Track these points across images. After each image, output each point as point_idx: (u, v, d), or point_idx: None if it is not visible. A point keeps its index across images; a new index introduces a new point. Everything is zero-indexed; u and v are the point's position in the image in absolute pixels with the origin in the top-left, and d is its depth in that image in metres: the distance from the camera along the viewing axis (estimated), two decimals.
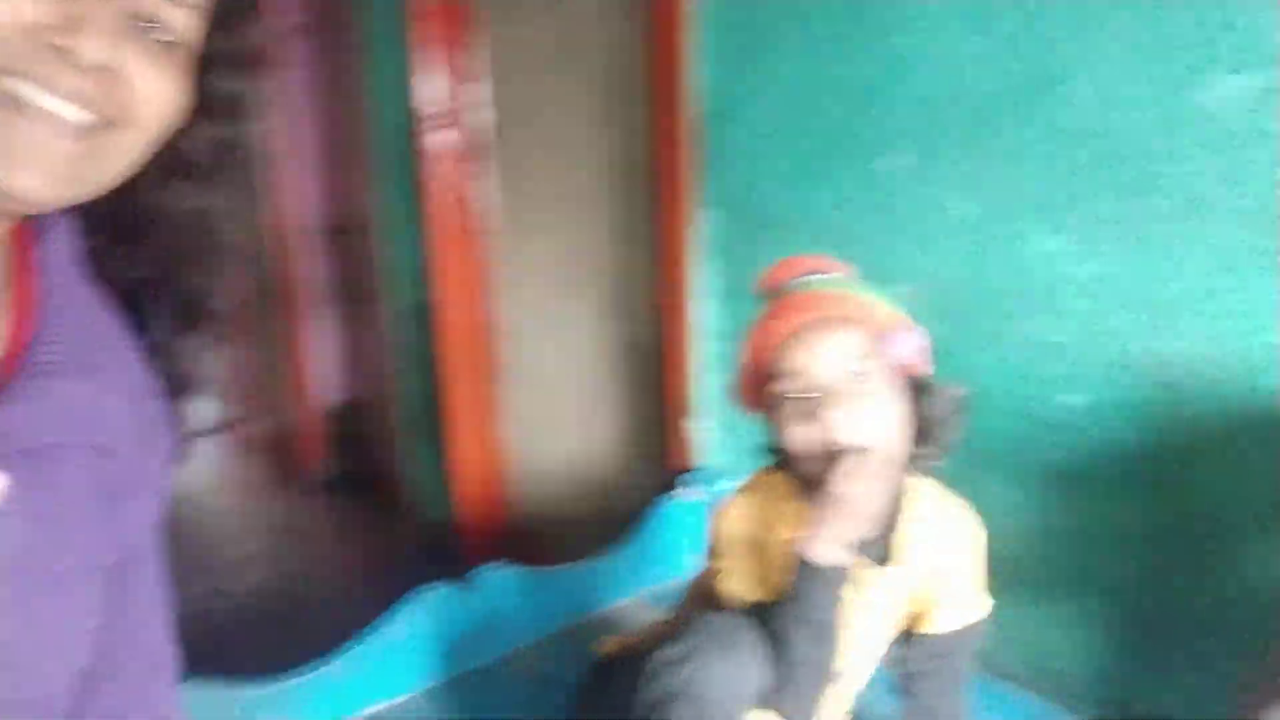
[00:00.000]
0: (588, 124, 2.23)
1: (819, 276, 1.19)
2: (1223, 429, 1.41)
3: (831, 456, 1.08)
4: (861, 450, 1.06)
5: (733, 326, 2.00)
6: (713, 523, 1.30)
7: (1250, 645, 1.27)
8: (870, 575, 1.16)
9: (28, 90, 0.51)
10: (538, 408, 2.41)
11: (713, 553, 1.30)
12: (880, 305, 1.15)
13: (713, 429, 2.15)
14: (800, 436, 1.11)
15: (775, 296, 1.19)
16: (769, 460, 1.22)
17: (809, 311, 1.13)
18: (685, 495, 2.06)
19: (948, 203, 1.66)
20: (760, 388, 1.17)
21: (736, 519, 1.27)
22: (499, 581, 1.82)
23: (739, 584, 1.23)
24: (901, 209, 1.72)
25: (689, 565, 1.97)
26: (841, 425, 1.07)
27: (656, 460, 2.25)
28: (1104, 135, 1.46)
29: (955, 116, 1.63)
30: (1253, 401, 1.37)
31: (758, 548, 1.21)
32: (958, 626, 1.20)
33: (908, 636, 1.23)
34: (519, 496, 2.38)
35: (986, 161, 1.60)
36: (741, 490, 1.29)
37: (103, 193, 0.59)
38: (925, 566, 1.18)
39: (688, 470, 2.14)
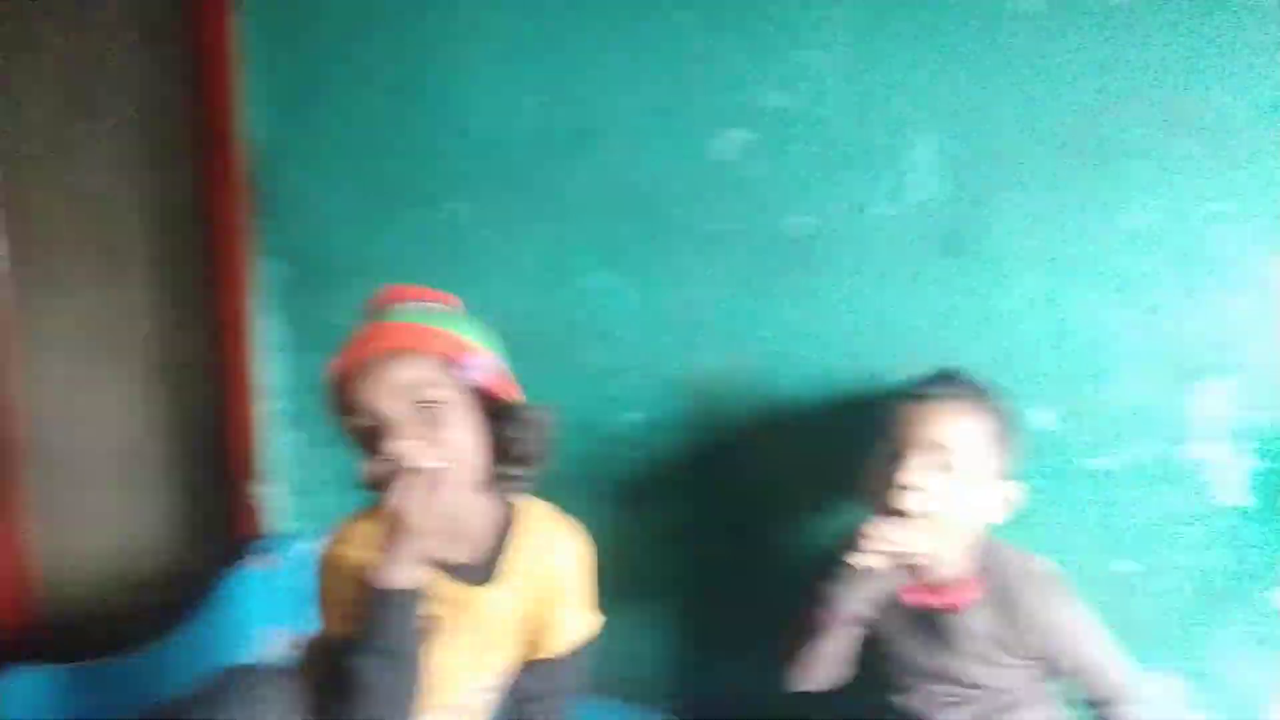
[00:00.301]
0: (124, 169, 2.01)
1: (398, 307, 1.19)
2: (752, 431, 1.62)
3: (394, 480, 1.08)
4: (415, 470, 1.06)
5: (303, 380, 1.90)
6: (315, 571, 1.24)
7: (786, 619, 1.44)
8: (472, 597, 1.17)
9: None
10: (76, 491, 2.11)
11: (316, 601, 1.23)
12: (452, 333, 1.17)
13: (285, 493, 2.01)
14: (366, 468, 1.10)
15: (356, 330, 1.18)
16: (368, 497, 1.18)
17: (370, 344, 1.13)
18: (255, 565, 1.90)
19: (507, 245, 1.76)
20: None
21: (330, 563, 1.22)
22: (21, 688, 1.54)
23: (340, 626, 1.16)
24: (465, 253, 1.79)
25: (263, 638, 1.81)
26: (399, 452, 1.07)
27: (223, 531, 2.05)
28: (635, 181, 1.64)
29: (509, 165, 1.75)
30: (773, 404, 1.60)
31: (356, 586, 1.15)
32: (569, 647, 1.25)
33: (527, 663, 1.24)
34: (55, 595, 2.07)
35: (539, 206, 1.73)
36: (339, 532, 1.24)
37: None
38: (532, 587, 1.21)
39: (258, 538, 1.98)
